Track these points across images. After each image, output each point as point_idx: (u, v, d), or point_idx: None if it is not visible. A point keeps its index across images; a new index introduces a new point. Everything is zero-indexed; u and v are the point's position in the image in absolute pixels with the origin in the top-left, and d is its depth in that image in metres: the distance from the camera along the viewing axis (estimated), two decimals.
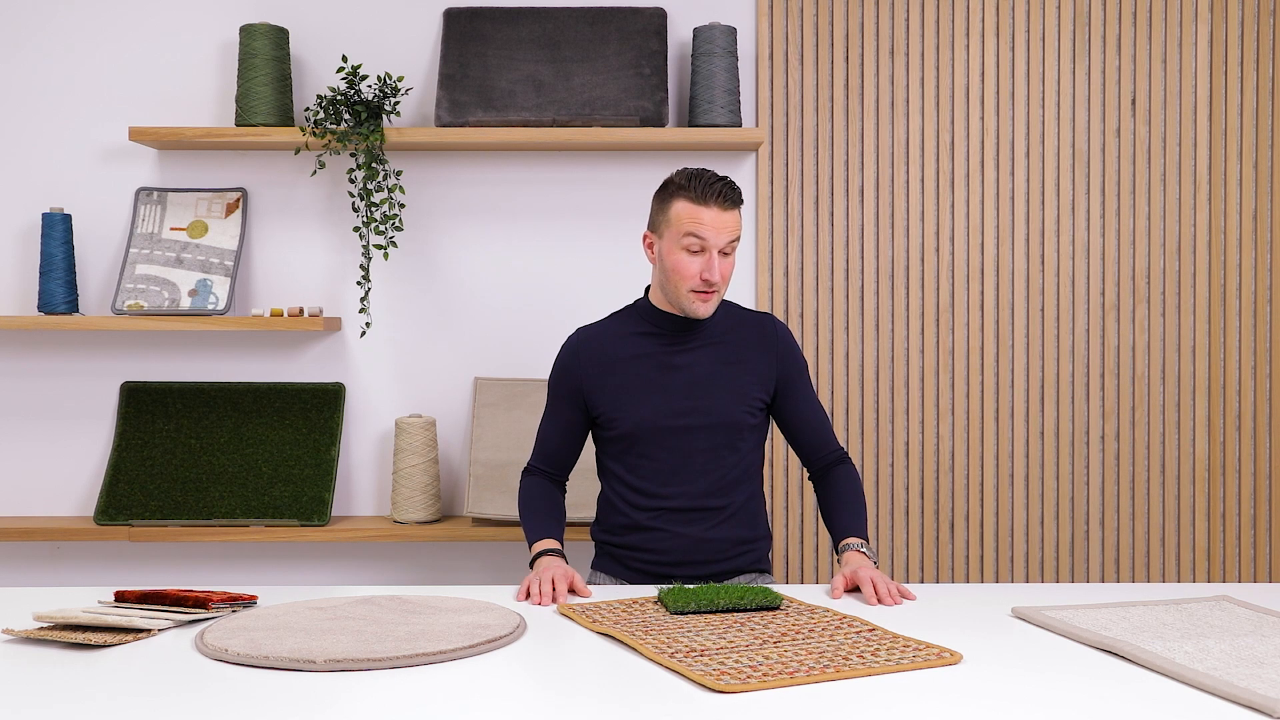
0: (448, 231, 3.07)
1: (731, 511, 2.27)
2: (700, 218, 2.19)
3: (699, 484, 2.25)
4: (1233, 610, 1.88)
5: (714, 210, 2.19)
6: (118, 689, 1.49)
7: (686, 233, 2.19)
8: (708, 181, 2.19)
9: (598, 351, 2.31)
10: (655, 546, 2.25)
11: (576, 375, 2.31)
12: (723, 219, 2.19)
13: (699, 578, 2.27)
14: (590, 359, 2.31)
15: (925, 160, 3.07)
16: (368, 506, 3.08)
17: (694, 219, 2.19)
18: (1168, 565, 3.11)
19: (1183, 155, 3.09)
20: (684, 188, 2.21)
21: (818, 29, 3.06)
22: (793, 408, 2.33)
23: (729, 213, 2.19)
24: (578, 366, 2.31)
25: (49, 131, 3.06)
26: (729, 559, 2.28)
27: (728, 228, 2.19)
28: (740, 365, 2.29)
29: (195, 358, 3.07)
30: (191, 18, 3.06)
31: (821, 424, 2.35)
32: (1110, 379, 3.09)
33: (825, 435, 2.35)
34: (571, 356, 2.32)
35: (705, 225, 2.18)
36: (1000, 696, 1.46)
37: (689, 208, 2.20)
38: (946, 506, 3.09)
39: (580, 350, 2.32)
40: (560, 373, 2.34)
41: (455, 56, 2.97)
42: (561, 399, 2.33)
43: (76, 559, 3.07)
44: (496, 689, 1.49)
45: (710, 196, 2.19)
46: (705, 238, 2.18)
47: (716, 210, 2.19)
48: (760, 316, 2.36)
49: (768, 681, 1.50)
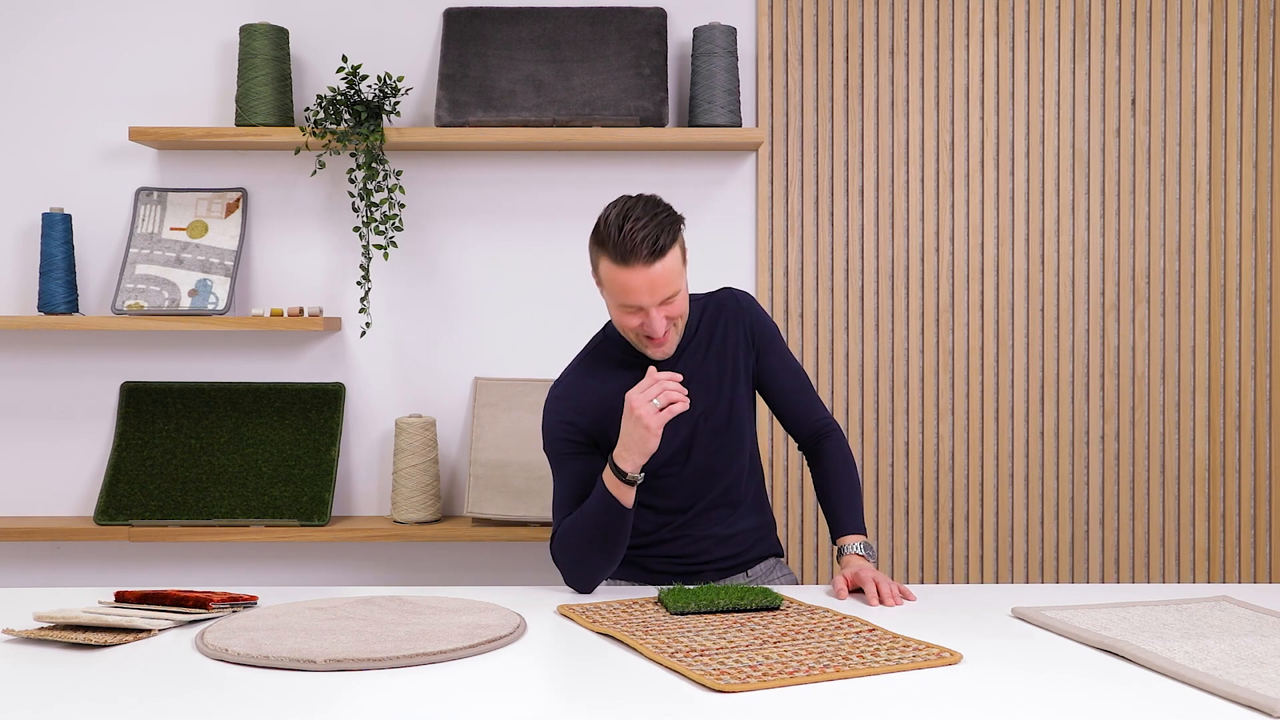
0: (448, 231, 3.07)
1: (747, 503, 2.25)
2: (629, 283, 1.99)
3: (716, 489, 2.21)
4: (1233, 610, 1.88)
5: (639, 270, 1.98)
6: (118, 689, 1.49)
7: (619, 301, 2.03)
8: (628, 236, 1.96)
9: (587, 401, 2.15)
10: (679, 553, 2.23)
11: (581, 426, 2.14)
12: (652, 275, 1.98)
13: (724, 571, 2.24)
14: (587, 408, 2.14)
15: (925, 160, 3.07)
16: (368, 506, 3.08)
17: (623, 286, 2.00)
18: (1168, 565, 3.11)
19: (1183, 155, 3.09)
20: (605, 247, 2.00)
21: (818, 29, 3.06)
22: (771, 376, 2.23)
23: (657, 264, 1.98)
24: (578, 417, 2.14)
25: (49, 131, 3.06)
26: (749, 548, 2.26)
27: (660, 283, 1.99)
28: (722, 357, 2.20)
29: (195, 358, 3.07)
30: (191, 18, 3.06)
31: (803, 389, 2.25)
32: (1110, 379, 3.09)
33: (809, 402, 2.25)
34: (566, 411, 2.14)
35: (635, 290, 1.99)
36: (1000, 696, 1.46)
37: (614, 271, 2.00)
38: (946, 506, 3.09)
39: (570, 402, 2.15)
40: (560, 429, 2.14)
41: (455, 56, 2.97)
42: (572, 455, 2.13)
43: (76, 559, 3.07)
44: (496, 689, 1.49)
45: (634, 257, 1.97)
46: (639, 303, 2.01)
47: (642, 268, 1.97)
48: (720, 297, 2.24)
49: (768, 681, 1.50)
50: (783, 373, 2.24)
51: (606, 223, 2.00)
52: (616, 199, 2.06)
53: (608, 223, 1.99)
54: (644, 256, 1.97)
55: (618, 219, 1.99)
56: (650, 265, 1.98)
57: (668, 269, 2.00)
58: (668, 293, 2.01)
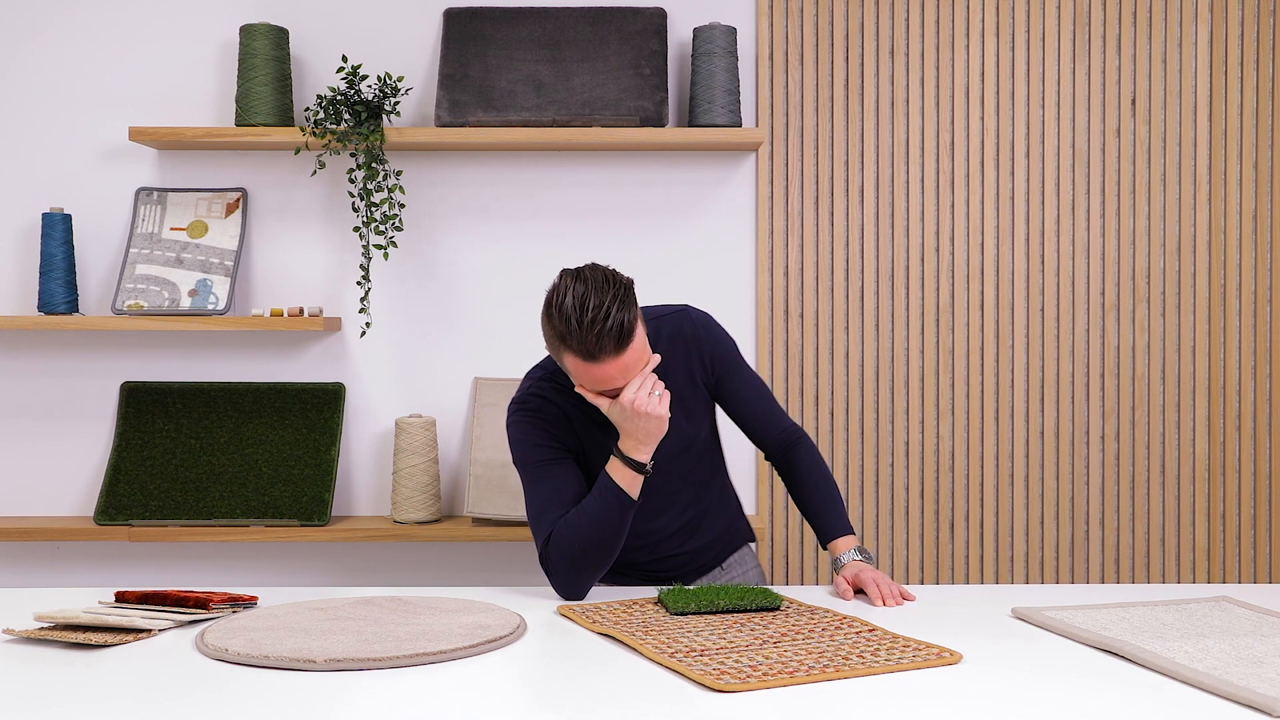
0: (448, 231, 3.07)
1: (714, 510, 2.25)
2: (600, 375, 1.94)
3: (678, 505, 2.19)
4: (1232, 610, 1.88)
5: (610, 362, 1.92)
6: (118, 689, 1.49)
7: (589, 387, 1.98)
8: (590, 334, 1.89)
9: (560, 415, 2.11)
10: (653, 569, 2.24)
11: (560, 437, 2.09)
12: (624, 362, 1.93)
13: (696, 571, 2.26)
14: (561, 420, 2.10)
15: (925, 160, 3.07)
16: (368, 506, 3.09)
17: (595, 378, 1.95)
18: (1168, 565, 3.11)
19: (1183, 155, 3.09)
20: (567, 343, 1.92)
21: (818, 29, 3.06)
22: (732, 394, 2.19)
23: (626, 350, 1.92)
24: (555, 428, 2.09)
25: (49, 131, 3.06)
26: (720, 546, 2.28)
27: (632, 365, 1.95)
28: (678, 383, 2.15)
29: (195, 358, 3.07)
30: (191, 18, 3.06)
31: (765, 402, 2.21)
32: (1110, 379, 3.09)
33: (773, 413, 2.22)
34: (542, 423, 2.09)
35: (608, 379, 1.95)
36: (1000, 697, 1.46)
37: (583, 366, 1.94)
38: (946, 506, 3.09)
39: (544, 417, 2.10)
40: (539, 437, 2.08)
41: (455, 56, 2.97)
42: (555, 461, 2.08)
43: (76, 559, 3.07)
44: (496, 689, 1.49)
45: (602, 352, 1.91)
46: (611, 387, 1.97)
47: (612, 360, 1.92)
48: (676, 317, 2.18)
49: (768, 681, 1.50)
50: (743, 389, 2.20)
51: (564, 318, 1.90)
52: (559, 280, 1.95)
53: (565, 318, 1.90)
54: (612, 350, 1.91)
55: (575, 312, 1.90)
56: (620, 354, 1.93)
57: (636, 349, 1.95)
58: (639, 367, 1.97)
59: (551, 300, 1.93)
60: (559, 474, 2.07)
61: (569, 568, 2.02)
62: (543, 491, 2.06)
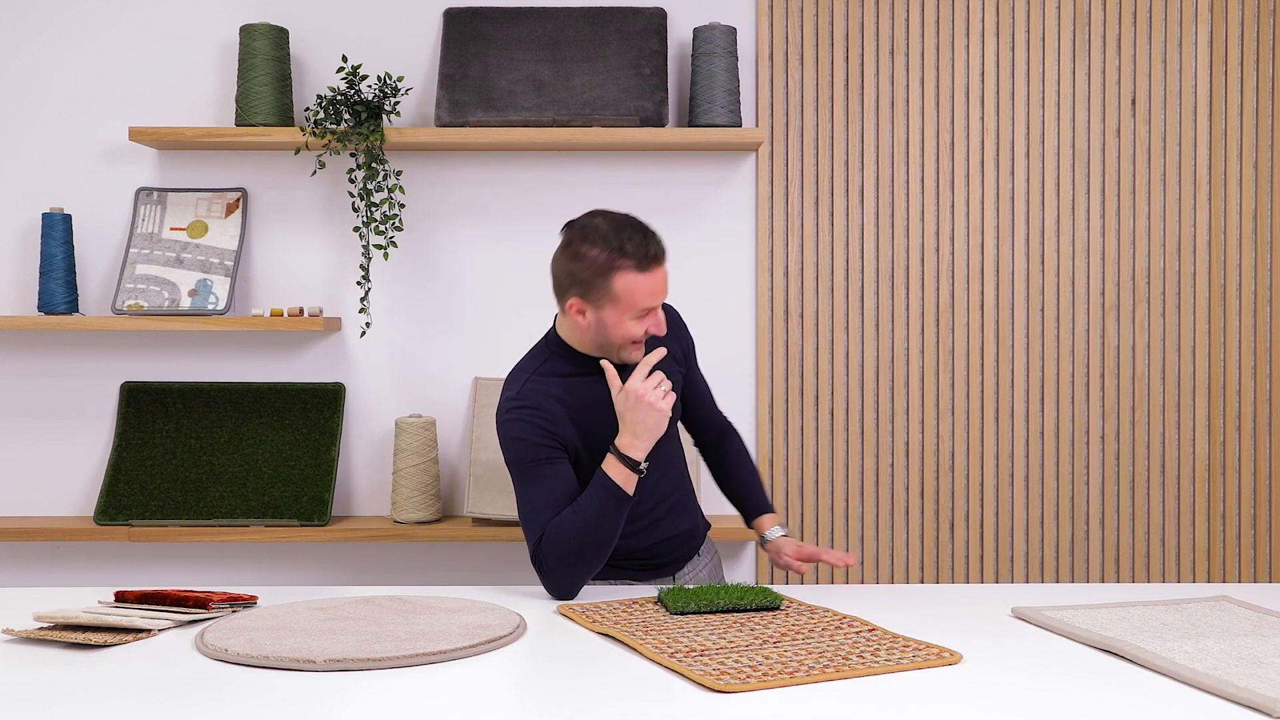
0: (448, 231, 3.07)
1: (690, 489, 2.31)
2: (652, 286, 2.05)
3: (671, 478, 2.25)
4: (1232, 610, 1.88)
5: (658, 271, 2.05)
6: (118, 689, 1.49)
7: (637, 308, 2.05)
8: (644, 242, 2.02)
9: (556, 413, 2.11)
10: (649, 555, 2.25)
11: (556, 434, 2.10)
12: (663, 275, 2.07)
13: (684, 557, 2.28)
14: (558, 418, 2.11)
15: (925, 160, 3.07)
16: (368, 506, 3.09)
17: (647, 291, 2.04)
18: (1168, 565, 3.11)
19: (1183, 155, 3.09)
20: (624, 255, 2.01)
21: (818, 29, 3.06)
22: (692, 385, 2.36)
23: (664, 264, 2.07)
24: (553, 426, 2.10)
25: (49, 131, 3.06)
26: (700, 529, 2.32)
27: (666, 280, 2.08)
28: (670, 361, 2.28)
29: (195, 358, 3.07)
30: (191, 18, 3.06)
31: (710, 398, 2.40)
32: (1110, 379, 3.09)
33: (714, 407, 2.41)
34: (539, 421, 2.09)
35: (656, 291, 2.06)
36: (1000, 697, 1.46)
37: (637, 280, 2.03)
38: (946, 506, 3.09)
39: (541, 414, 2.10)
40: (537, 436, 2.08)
41: (455, 56, 2.97)
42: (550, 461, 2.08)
43: (76, 559, 3.07)
44: (496, 689, 1.49)
45: (656, 260, 2.04)
46: (653, 304, 2.07)
47: (659, 269, 2.05)
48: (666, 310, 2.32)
49: (768, 681, 1.50)
50: (700, 379, 2.38)
51: (614, 233, 2.02)
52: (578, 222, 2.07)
53: (615, 233, 2.02)
54: (662, 252, 2.05)
55: (622, 228, 2.02)
56: (664, 264, 2.07)
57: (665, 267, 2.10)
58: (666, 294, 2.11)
59: (585, 236, 2.04)
60: (554, 474, 2.08)
61: (563, 566, 2.02)
62: (537, 491, 2.07)
